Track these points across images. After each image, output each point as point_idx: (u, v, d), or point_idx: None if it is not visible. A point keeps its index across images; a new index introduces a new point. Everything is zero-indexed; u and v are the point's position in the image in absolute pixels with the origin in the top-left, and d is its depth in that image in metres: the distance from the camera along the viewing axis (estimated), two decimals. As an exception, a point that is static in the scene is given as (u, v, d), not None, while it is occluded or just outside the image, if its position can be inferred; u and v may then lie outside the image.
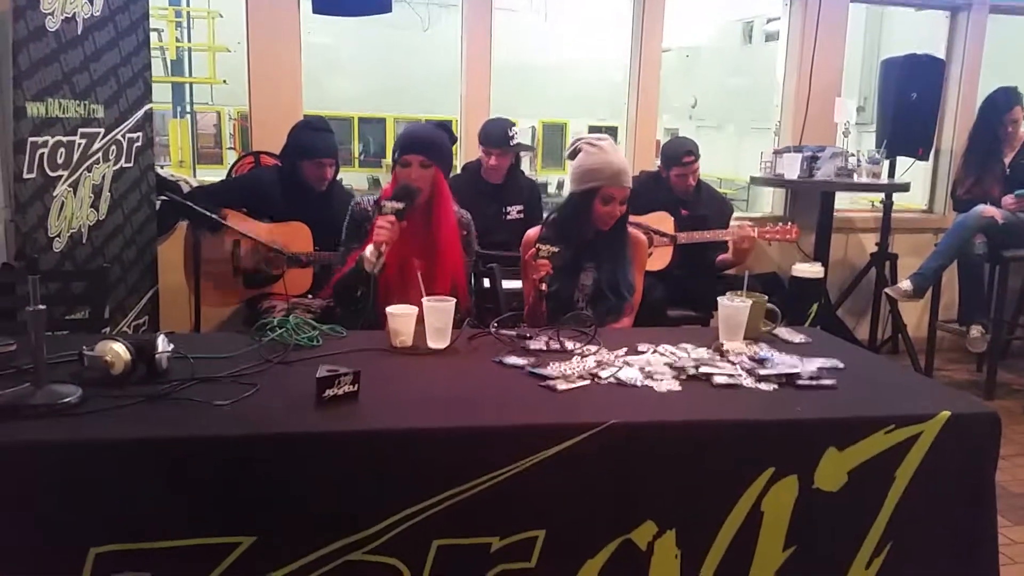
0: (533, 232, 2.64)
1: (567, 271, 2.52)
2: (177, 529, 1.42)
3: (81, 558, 1.38)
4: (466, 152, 4.26)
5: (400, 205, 2.35)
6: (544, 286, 2.40)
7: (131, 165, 3.19)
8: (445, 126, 2.64)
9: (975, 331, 4.17)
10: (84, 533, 1.39)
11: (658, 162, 4.09)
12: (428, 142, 2.51)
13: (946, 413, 1.67)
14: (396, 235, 2.34)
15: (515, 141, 3.69)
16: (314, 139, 3.33)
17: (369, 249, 2.35)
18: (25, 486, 1.39)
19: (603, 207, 2.51)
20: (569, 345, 2.06)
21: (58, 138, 2.67)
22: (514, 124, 3.79)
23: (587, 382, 1.80)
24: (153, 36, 6.56)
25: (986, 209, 4.18)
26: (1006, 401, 4.11)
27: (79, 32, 2.78)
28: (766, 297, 2.24)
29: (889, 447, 1.65)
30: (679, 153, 3.80)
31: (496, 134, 3.65)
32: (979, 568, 1.70)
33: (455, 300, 2.08)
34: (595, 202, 2.51)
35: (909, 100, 4.46)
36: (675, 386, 1.80)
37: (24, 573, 1.38)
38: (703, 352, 2.03)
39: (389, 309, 2.05)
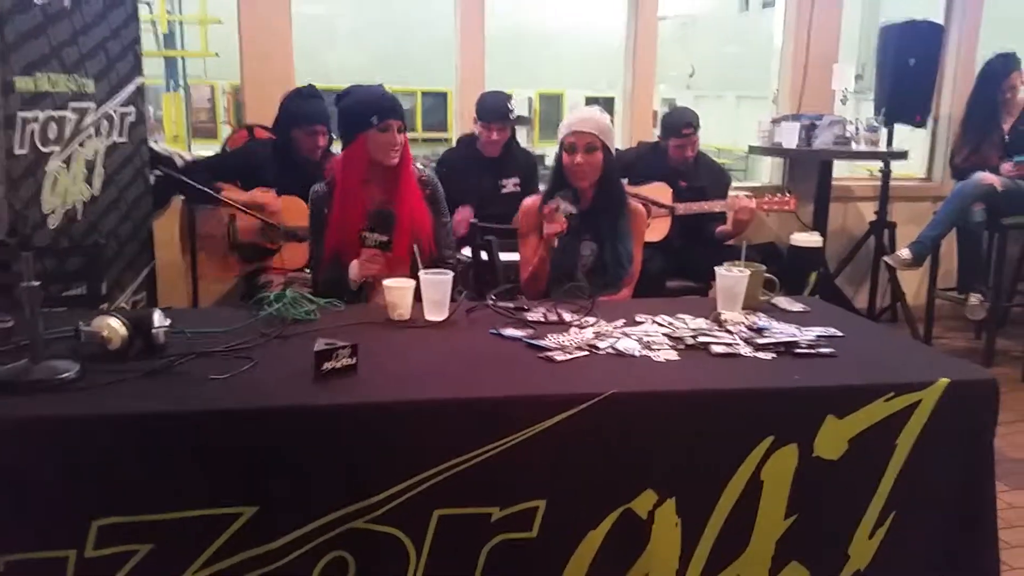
0: (530, 200, 2.63)
1: (568, 241, 2.52)
2: (179, 501, 1.43)
3: (84, 530, 1.39)
4: (460, 125, 4.22)
5: (384, 238, 2.29)
6: (556, 242, 2.38)
7: (124, 140, 3.16)
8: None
9: (974, 299, 4.17)
10: (86, 506, 1.40)
11: (657, 132, 4.07)
12: (400, 105, 2.46)
13: (945, 380, 1.67)
14: (385, 266, 2.30)
15: (514, 114, 3.66)
16: (303, 106, 3.30)
17: (354, 270, 2.34)
18: (26, 461, 1.39)
19: (568, 158, 2.50)
20: (567, 317, 2.06)
21: (49, 113, 2.64)
22: (511, 97, 3.75)
23: (585, 353, 1.80)
24: (144, 9, 6.46)
25: (985, 176, 4.15)
26: (1004, 368, 4.12)
27: (66, 4, 2.73)
28: (764, 267, 2.23)
29: (889, 415, 1.65)
30: (678, 125, 3.77)
31: (496, 108, 3.61)
32: (979, 533, 1.71)
33: (452, 273, 2.07)
34: (563, 157, 2.51)
35: (907, 67, 4.41)
36: (673, 356, 1.80)
37: (28, 547, 1.39)
38: (701, 322, 2.02)
39: (386, 282, 2.04)
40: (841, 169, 4.79)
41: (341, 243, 2.42)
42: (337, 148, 3.51)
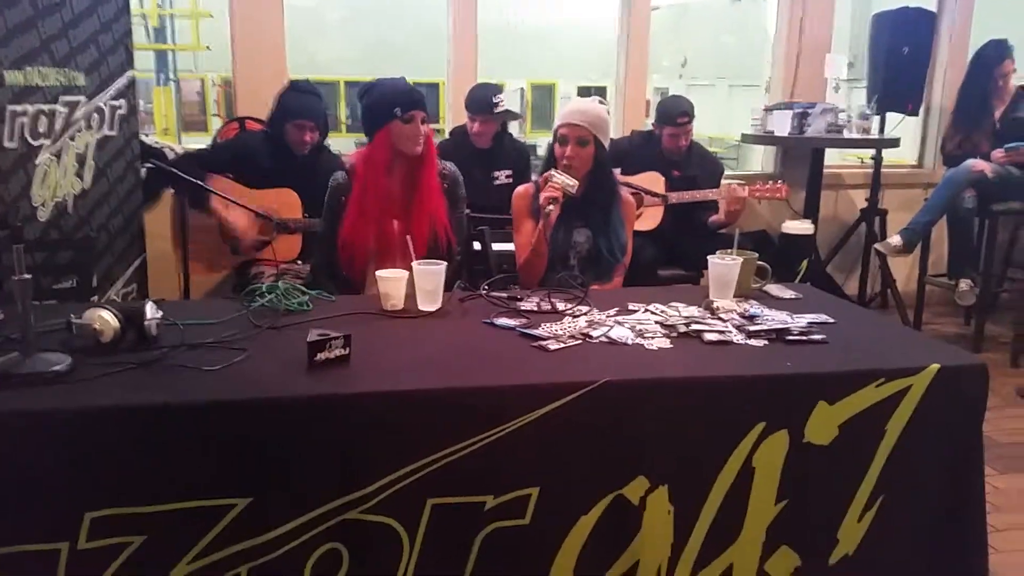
0: (523, 187, 2.65)
1: (561, 227, 2.52)
2: (172, 493, 1.43)
3: (77, 522, 1.39)
4: (454, 116, 4.22)
5: None
6: (552, 207, 2.39)
7: (115, 133, 3.14)
8: None
9: (964, 285, 4.19)
10: (79, 498, 1.40)
11: (650, 121, 4.06)
12: (422, 96, 2.48)
13: (935, 366, 1.68)
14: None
15: (501, 108, 3.64)
16: (294, 101, 3.28)
17: None
18: (18, 454, 1.39)
19: (559, 149, 2.51)
20: (560, 306, 2.06)
21: (39, 106, 2.63)
22: (500, 91, 3.74)
23: (579, 342, 1.81)
24: (134, 2, 6.42)
25: (976, 163, 4.17)
26: (993, 354, 4.14)
27: (56, -3, 2.72)
28: (756, 255, 2.24)
29: (879, 400, 1.66)
30: (674, 113, 3.76)
31: (480, 101, 3.61)
32: (966, 517, 1.73)
33: (445, 263, 2.07)
34: (555, 147, 2.52)
35: (900, 55, 4.42)
36: (666, 344, 1.81)
37: (20, 539, 1.39)
38: (694, 310, 2.03)
39: (379, 273, 2.04)
40: (832, 157, 4.80)
41: (356, 234, 2.43)
42: (338, 143, 3.52)
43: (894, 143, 4.56)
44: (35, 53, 2.62)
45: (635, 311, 2.03)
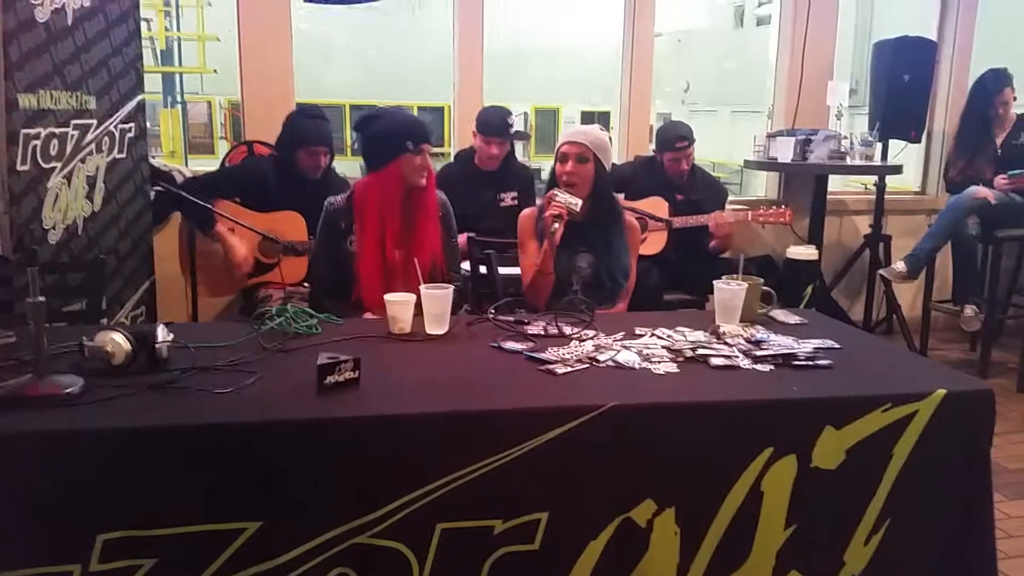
0: (528, 211, 2.67)
1: (563, 252, 2.53)
2: (183, 516, 1.43)
3: (89, 545, 1.40)
4: (459, 140, 4.25)
5: None
6: (557, 225, 2.40)
7: (124, 156, 3.18)
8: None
9: (969, 311, 4.20)
10: (91, 520, 1.40)
11: (653, 147, 4.10)
12: (428, 128, 2.53)
13: (942, 391, 1.69)
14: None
15: (513, 129, 3.69)
16: (307, 127, 3.32)
17: None
18: (31, 476, 1.39)
19: (560, 168, 2.54)
20: (567, 330, 2.07)
21: (51, 130, 2.66)
22: (511, 112, 3.78)
23: (586, 366, 1.82)
24: (142, 25, 6.51)
25: (979, 190, 4.19)
26: (999, 379, 4.14)
27: (69, 22, 2.76)
28: (761, 280, 2.25)
29: (886, 425, 1.67)
30: (672, 139, 3.80)
31: (497, 123, 3.64)
32: (975, 542, 1.72)
33: (452, 286, 2.09)
34: (556, 166, 2.55)
35: (901, 82, 4.46)
36: (673, 368, 1.82)
37: (33, 562, 1.39)
38: (700, 335, 2.04)
39: (387, 297, 2.05)
40: (835, 183, 4.83)
41: (370, 266, 2.45)
42: (342, 166, 3.55)
43: (897, 170, 4.60)
44: (48, 77, 2.65)
45: (641, 335, 2.04)
